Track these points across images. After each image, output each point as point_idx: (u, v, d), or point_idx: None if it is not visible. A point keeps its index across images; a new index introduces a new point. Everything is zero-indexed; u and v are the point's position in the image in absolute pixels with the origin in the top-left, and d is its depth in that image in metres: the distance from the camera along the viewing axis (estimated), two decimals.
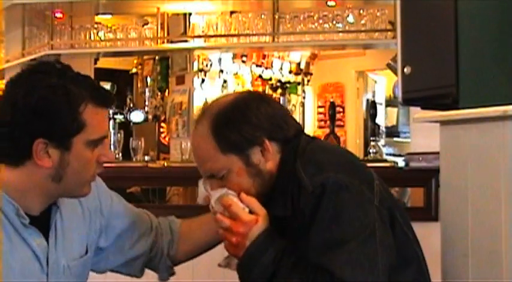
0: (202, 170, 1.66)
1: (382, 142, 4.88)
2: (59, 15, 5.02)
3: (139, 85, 6.78)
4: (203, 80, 6.05)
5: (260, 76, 6.56)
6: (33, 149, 1.49)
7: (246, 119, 1.61)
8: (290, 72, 6.79)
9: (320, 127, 6.93)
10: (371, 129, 4.26)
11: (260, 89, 6.42)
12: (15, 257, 1.53)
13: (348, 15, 4.40)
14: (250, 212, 1.60)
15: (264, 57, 6.52)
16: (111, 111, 4.55)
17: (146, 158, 4.24)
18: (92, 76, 5.60)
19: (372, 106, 4.81)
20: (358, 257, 1.45)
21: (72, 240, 1.66)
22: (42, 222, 1.60)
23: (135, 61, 6.72)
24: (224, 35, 4.71)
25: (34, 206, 1.57)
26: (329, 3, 4.69)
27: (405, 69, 1.77)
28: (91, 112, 1.51)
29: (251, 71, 6.50)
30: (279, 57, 6.60)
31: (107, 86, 6.98)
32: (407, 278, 1.57)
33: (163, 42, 4.93)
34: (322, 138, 4.59)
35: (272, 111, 1.65)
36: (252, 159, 1.61)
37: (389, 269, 1.49)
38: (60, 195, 1.61)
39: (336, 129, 5.04)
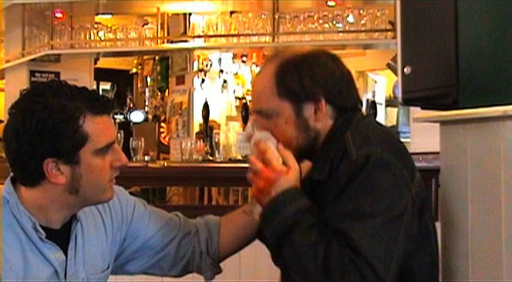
0: (255, 104, 1.68)
1: None
2: (59, 15, 5.02)
3: (139, 85, 6.79)
4: (203, 80, 6.06)
5: None
6: (45, 170, 1.52)
7: (311, 72, 1.61)
8: None
9: None
10: None
11: None
12: (32, 272, 1.55)
13: (348, 15, 4.41)
14: (284, 164, 1.60)
15: (264, 57, 6.52)
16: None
17: (146, 158, 4.25)
18: (92, 76, 5.63)
19: (372, 106, 4.82)
20: (380, 234, 1.45)
21: (93, 254, 1.67)
22: (63, 236, 1.62)
23: (135, 61, 6.73)
24: (224, 35, 4.72)
25: (55, 220, 1.60)
26: (329, 3, 4.69)
27: (405, 69, 1.77)
28: (91, 122, 1.53)
29: (251, 71, 6.50)
30: None
31: (106, 86, 7.01)
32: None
33: (163, 42, 4.94)
34: None
35: (340, 75, 1.65)
36: (303, 113, 1.61)
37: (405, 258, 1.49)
38: (82, 205, 1.63)
39: None
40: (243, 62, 6.39)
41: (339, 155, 1.54)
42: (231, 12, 4.82)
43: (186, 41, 5.02)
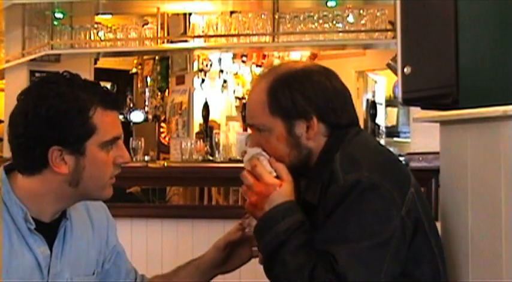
0: (248, 118, 1.68)
1: (382, 142, 4.87)
2: (59, 15, 5.02)
3: (139, 85, 6.80)
4: (203, 80, 6.06)
5: None
6: (49, 158, 1.51)
7: (303, 90, 1.61)
8: None
9: None
10: (371, 129, 4.26)
11: None
12: (16, 263, 1.53)
13: (348, 15, 4.40)
14: (277, 177, 1.61)
15: (264, 57, 6.53)
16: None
17: (146, 158, 4.25)
18: (92, 76, 5.63)
19: (372, 106, 4.81)
20: (366, 258, 1.44)
21: (79, 255, 1.66)
22: (51, 231, 1.60)
23: (135, 61, 6.73)
24: (224, 35, 4.71)
25: (47, 212, 1.59)
26: (329, 3, 4.69)
27: (405, 69, 1.77)
28: (101, 115, 1.54)
29: (251, 71, 6.50)
30: (279, 57, 6.60)
31: (106, 86, 7.02)
32: None
33: (163, 42, 4.93)
34: None
35: (333, 93, 1.63)
36: (295, 131, 1.61)
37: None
38: (79, 199, 1.62)
39: None
40: (243, 62, 6.39)
41: (328, 178, 1.54)
42: (231, 12, 4.82)
43: (186, 41, 5.01)
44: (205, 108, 5.29)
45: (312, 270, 1.46)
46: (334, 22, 4.41)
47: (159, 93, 6.34)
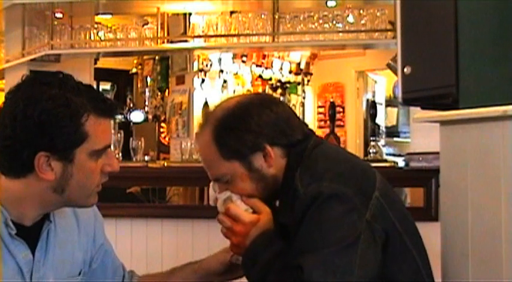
0: (209, 174, 1.70)
1: (382, 142, 4.88)
2: (59, 15, 5.02)
3: (139, 85, 6.79)
4: (203, 80, 6.05)
5: (260, 76, 6.56)
6: (35, 163, 1.45)
7: (247, 127, 1.62)
8: (290, 72, 6.79)
9: (320, 127, 6.93)
10: (371, 129, 4.26)
11: (260, 89, 6.43)
12: None
13: (348, 15, 4.40)
14: (255, 212, 1.63)
15: (264, 57, 6.52)
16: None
17: (146, 158, 4.24)
18: (92, 76, 5.63)
19: (372, 106, 4.81)
20: (332, 264, 1.45)
21: (64, 257, 1.61)
22: (33, 235, 1.55)
23: (135, 61, 6.72)
24: (224, 35, 4.71)
25: (29, 216, 1.53)
26: (329, 3, 4.69)
27: (405, 69, 1.77)
28: (93, 123, 1.48)
29: (251, 71, 6.50)
30: (279, 57, 6.61)
31: (106, 86, 7.00)
32: None
33: (163, 42, 4.93)
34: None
35: (275, 117, 1.64)
36: (254, 165, 1.63)
37: None
38: (62, 205, 1.57)
39: (336, 129, 5.04)
40: (243, 62, 6.39)
41: (292, 196, 1.55)
42: (231, 12, 4.81)
43: (186, 41, 5.01)
44: (205, 108, 5.29)
45: None
46: (334, 22, 4.41)
47: (159, 93, 6.33)
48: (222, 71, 6.27)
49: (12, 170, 1.49)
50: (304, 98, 6.78)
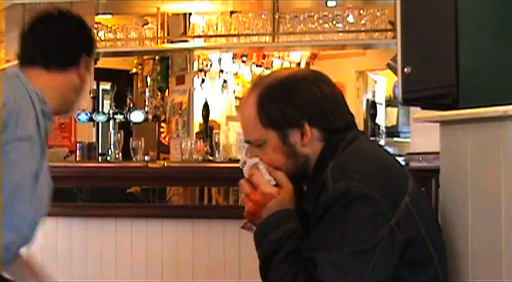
0: (244, 135, 1.71)
1: (382, 142, 4.87)
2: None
3: (139, 85, 6.78)
4: (203, 80, 6.05)
5: None
6: (81, 62, 1.84)
7: (291, 100, 1.62)
8: None
9: None
10: (371, 129, 4.25)
11: None
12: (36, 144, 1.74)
13: (348, 15, 4.40)
14: (277, 185, 1.63)
15: (264, 57, 6.52)
16: (111, 111, 4.55)
17: (146, 158, 4.24)
18: (92, 76, 5.62)
19: (372, 106, 4.80)
20: (346, 265, 1.45)
21: None
22: None
23: (135, 61, 6.72)
24: (224, 35, 4.71)
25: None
26: (329, 3, 4.69)
27: (405, 69, 1.77)
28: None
29: (251, 71, 6.49)
30: (279, 57, 6.60)
31: (106, 86, 7.00)
32: None
33: (163, 42, 4.93)
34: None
35: (321, 97, 1.64)
36: (290, 140, 1.63)
37: None
38: (64, 110, 1.89)
39: None
40: (243, 62, 6.38)
41: (320, 187, 1.54)
42: (231, 12, 4.81)
43: (186, 41, 5.01)
44: (205, 108, 5.28)
45: (294, 278, 1.49)
46: (334, 22, 4.41)
47: (159, 93, 6.33)
48: (222, 71, 6.26)
49: (63, 62, 1.83)
50: None
